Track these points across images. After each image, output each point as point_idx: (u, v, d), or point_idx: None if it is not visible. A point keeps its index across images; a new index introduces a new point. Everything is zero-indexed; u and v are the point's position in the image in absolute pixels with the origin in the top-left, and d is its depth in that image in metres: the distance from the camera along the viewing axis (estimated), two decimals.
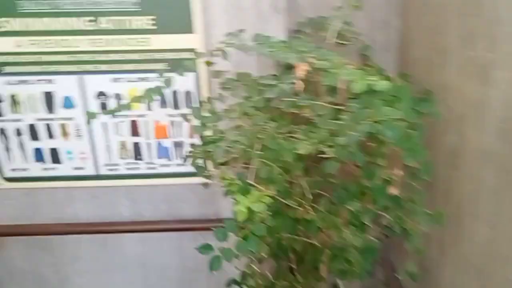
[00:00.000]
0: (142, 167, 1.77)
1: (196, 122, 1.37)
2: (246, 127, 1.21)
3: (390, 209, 1.13)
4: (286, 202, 1.17)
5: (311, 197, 1.22)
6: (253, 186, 1.16)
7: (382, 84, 0.91)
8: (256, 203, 1.03)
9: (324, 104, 1.07)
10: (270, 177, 1.15)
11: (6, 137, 1.70)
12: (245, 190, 1.12)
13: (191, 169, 1.63)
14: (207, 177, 1.49)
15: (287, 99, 1.15)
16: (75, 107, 1.67)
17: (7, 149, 1.72)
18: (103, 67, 1.61)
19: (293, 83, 1.07)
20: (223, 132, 1.29)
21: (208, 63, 1.30)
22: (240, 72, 1.41)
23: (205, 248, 1.08)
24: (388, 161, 1.07)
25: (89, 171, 1.76)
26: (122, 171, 1.77)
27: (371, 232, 1.15)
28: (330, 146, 1.01)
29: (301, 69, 1.14)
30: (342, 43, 1.38)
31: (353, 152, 0.93)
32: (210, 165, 1.54)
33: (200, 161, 1.50)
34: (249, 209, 1.02)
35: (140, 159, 1.76)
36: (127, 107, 1.24)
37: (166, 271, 1.96)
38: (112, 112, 1.25)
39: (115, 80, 1.63)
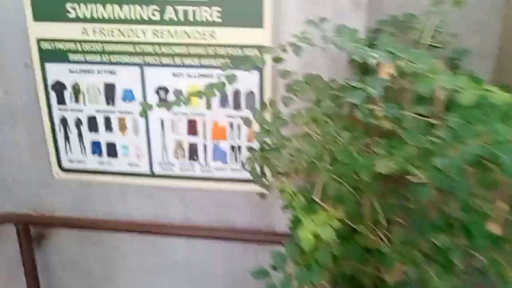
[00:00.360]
0: (196, 169, 1.65)
1: (257, 125, 1.22)
2: (314, 136, 1.04)
3: (486, 250, 0.91)
4: (355, 227, 0.98)
5: (385, 223, 1.02)
6: (318, 204, 0.99)
7: (500, 97, 0.70)
8: (323, 226, 0.86)
9: (414, 115, 0.88)
10: (339, 195, 0.97)
11: (66, 126, 1.66)
12: (309, 209, 0.96)
13: (247, 175, 1.49)
14: (265, 186, 1.33)
15: (367, 106, 0.96)
16: (134, 101, 1.59)
17: (67, 139, 1.68)
18: (165, 60, 1.51)
19: (382, 88, 0.89)
20: (286, 139, 1.13)
21: (277, 59, 1.15)
22: (309, 73, 1.24)
23: (260, 273, 0.93)
24: (492, 191, 0.85)
25: (143, 168, 1.68)
26: (176, 171, 1.67)
27: (460, 274, 0.93)
28: (418, 167, 0.82)
29: (385, 72, 0.95)
30: (435, 46, 1.17)
31: (455, 179, 0.73)
32: (268, 174, 1.38)
33: (257, 168, 1.36)
34: (315, 235, 0.85)
35: (195, 161, 1.64)
36: (186, 101, 1.12)
37: (212, 279, 1.83)
38: (169, 106, 1.14)
39: (176, 74, 1.53)
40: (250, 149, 1.40)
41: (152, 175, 1.68)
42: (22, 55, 1.58)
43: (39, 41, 1.55)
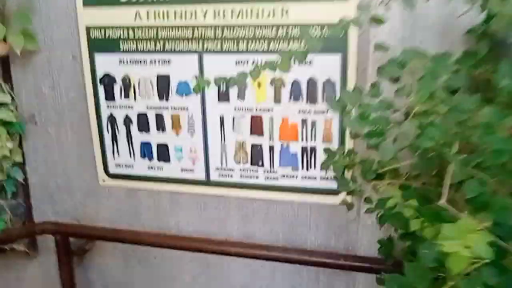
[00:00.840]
0: (260, 176, 1.39)
1: (346, 119, 0.93)
2: (436, 117, 0.75)
3: None
4: (507, 246, 0.66)
5: None
6: (445, 210, 0.69)
7: None
8: (474, 238, 0.55)
9: None
10: (483, 198, 0.66)
11: (115, 126, 1.47)
12: (436, 217, 0.66)
13: (321, 184, 1.29)
14: (353, 193, 1.04)
15: None
16: (190, 95, 1.37)
17: (114, 140, 1.49)
18: (227, 45, 1.29)
19: None
20: (389, 124, 0.83)
21: (377, 20, 0.87)
22: (414, 48, 0.96)
23: None
24: None
25: (199, 174, 1.45)
26: (236, 178, 1.41)
27: None
28: None
29: None
30: None
31: None
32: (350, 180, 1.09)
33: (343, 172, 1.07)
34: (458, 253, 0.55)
35: (259, 165, 1.38)
36: (256, 74, 0.87)
37: None
38: (232, 81, 0.89)
39: (240, 62, 1.30)
40: (327, 150, 1.12)
41: (208, 182, 1.44)
42: (70, 46, 1.43)
43: (88, 29, 1.39)
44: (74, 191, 1.59)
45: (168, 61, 1.36)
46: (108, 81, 1.43)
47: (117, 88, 1.43)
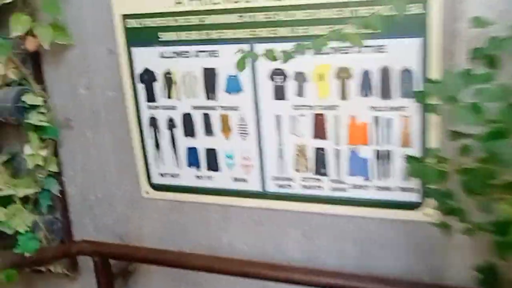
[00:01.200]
0: (324, 187, 1.33)
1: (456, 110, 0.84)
2: None
3: None
4: None
5: None
6: None
7: None
8: None
9: None
10: None
11: (157, 129, 1.48)
12: None
13: (398, 196, 1.24)
14: (453, 212, 0.94)
15: None
16: (241, 92, 1.34)
17: (157, 145, 1.50)
18: (282, 31, 1.24)
19: None
20: None
21: None
22: None
23: None
24: None
25: (253, 185, 1.41)
26: (296, 189, 1.36)
27: None
28: None
29: None
30: None
31: None
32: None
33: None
34: None
35: (324, 174, 1.32)
36: (320, 44, 0.80)
37: None
38: (287, 56, 0.83)
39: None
40: (409, 157, 1.04)
41: (264, 194, 1.40)
42: (105, 39, 1.45)
43: (124, 18, 1.40)
44: (115, 204, 1.62)
45: (215, 53, 1.34)
46: (148, 77, 1.43)
47: (158, 86, 1.43)
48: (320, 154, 1.31)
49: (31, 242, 1.57)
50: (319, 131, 1.29)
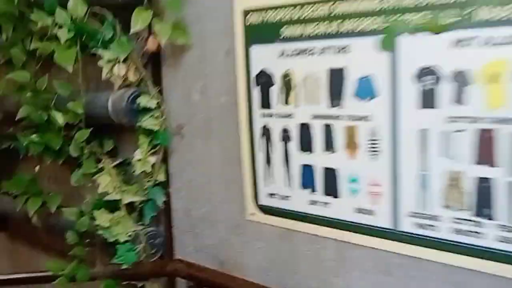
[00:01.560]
0: (489, 234, 0.90)
1: None
2: None
3: None
4: None
5: None
6: None
7: None
8: None
9: None
10: None
11: (269, 141, 1.20)
12: None
13: None
14: None
15: None
16: (375, 97, 1.00)
17: (268, 161, 1.21)
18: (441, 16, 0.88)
19: None
20: None
21: None
22: None
23: None
24: None
25: (381, 220, 1.04)
26: (444, 233, 0.95)
27: None
28: None
29: None
30: None
31: None
32: None
33: None
34: None
35: (488, 217, 0.90)
36: None
37: None
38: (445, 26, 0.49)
39: (458, 43, 0.87)
40: None
41: (396, 234, 1.02)
42: (224, 38, 1.25)
43: (246, 13, 1.18)
44: (217, 224, 1.38)
45: (345, 48, 1.03)
46: (264, 80, 1.18)
47: (274, 89, 1.16)
48: (484, 186, 0.89)
49: (130, 254, 1.41)
50: (485, 154, 0.88)
